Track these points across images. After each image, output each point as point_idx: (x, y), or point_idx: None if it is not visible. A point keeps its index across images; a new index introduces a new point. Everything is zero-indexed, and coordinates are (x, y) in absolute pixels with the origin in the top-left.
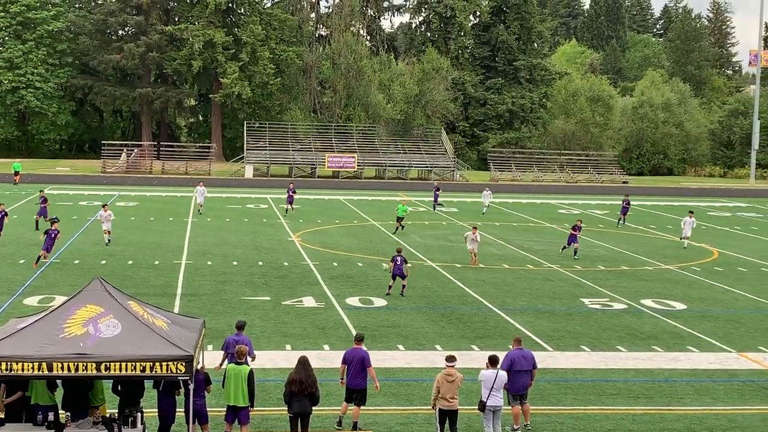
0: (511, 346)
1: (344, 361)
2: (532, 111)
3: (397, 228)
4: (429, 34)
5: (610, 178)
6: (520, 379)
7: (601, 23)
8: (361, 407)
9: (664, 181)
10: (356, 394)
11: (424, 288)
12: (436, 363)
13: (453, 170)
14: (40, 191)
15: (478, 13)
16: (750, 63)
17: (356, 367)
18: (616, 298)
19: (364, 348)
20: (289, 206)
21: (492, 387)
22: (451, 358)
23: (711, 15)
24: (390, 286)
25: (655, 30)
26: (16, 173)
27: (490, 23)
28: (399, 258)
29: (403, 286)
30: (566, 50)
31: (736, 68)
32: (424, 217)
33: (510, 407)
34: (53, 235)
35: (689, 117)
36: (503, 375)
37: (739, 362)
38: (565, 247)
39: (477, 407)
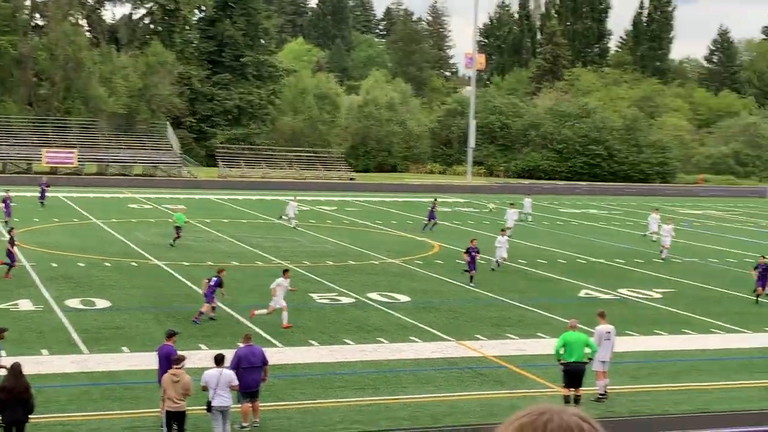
0: (240, 344)
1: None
2: (261, 107)
3: (175, 238)
4: (153, 26)
5: (337, 175)
6: (249, 376)
7: (327, 22)
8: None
9: (388, 177)
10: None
11: (149, 287)
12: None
13: (180, 166)
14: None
15: (203, 8)
16: (466, 65)
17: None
18: (344, 293)
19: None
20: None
21: (216, 387)
22: (178, 360)
23: (430, 18)
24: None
25: (378, 31)
26: None
27: (215, 18)
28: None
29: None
30: (293, 48)
31: (454, 70)
32: (149, 214)
33: (239, 405)
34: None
35: (411, 116)
36: (227, 374)
37: (458, 350)
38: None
39: (205, 408)
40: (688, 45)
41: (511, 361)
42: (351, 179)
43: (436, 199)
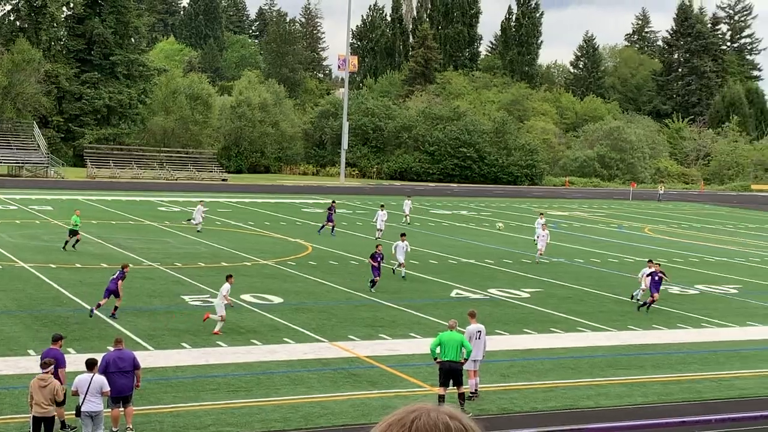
0: (111, 348)
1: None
2: (131, 107)
3: (67, 242)
4: (19, 23)
5: (209, 176)
6: (118, 380)
7: (200, 22)
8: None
9: (261, 178)
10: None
11: (15, 290)
12: (30, 369)
13: (47, 167)
14: None
15: (71, 5)
16: (339, 67)
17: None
18: (216, 294)
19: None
20: None
21: (87, 391)
22: (45, 364)
23: (303, 20)
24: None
25: (251, 31)
26: None
27: (84, 15)
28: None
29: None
30: (164, 47)
31: (327, 72)
32: (16, 215)
33: (110, 410)
34: None
35: (284, 117)
36: (99, 379)
37: (331, 351)
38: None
39: (74, 413)
40: (555, 50)
41: (383, 361)
42: (223, 180)
43: (334, 202)
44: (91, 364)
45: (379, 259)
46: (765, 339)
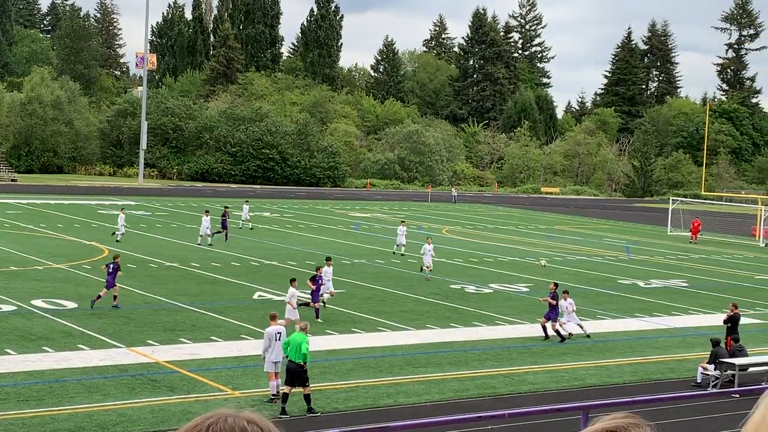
0: None
1: None
2: None
3: None
4: None
5: None
6: None
7: None
8: None
9: (54, 179)
10: None
11: None
12: None
13: None
14: None
15: None
16: (137, 65)
17: None
18: (4, 300)
19: None
20: None
21: None
22: None
23: (99, 15)
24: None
25: (42, 26)
26: None
27: None
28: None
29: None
30: None
31: (124, 69)
32: None
33: None
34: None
35: (79, 115)
36: None
37: (128, 357)
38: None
39: None
40: (357, 54)
41: (184, 366)
42: (13, 180)
43: (227, 208)
44: None
45: (320, 281)
46: (552, 335)
